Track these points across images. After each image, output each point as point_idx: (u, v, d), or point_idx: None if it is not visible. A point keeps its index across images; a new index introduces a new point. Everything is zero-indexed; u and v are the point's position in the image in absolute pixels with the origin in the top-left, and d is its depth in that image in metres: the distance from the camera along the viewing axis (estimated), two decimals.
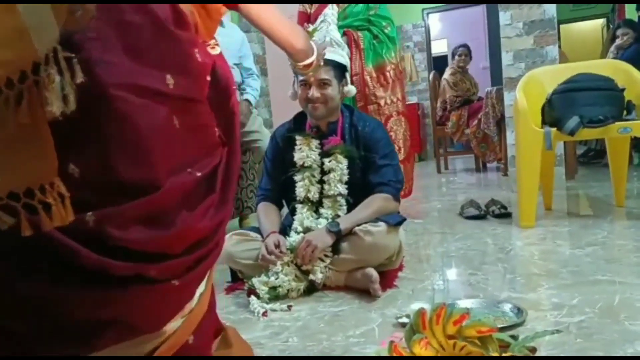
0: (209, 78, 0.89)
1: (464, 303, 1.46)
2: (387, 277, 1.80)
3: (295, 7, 2.96)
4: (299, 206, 1.93)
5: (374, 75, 2.76)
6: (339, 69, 1.96)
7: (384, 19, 2.81)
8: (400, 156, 2.81)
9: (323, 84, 1.90)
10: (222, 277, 2.08)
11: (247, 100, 2.91)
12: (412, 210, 3.16)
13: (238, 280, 1.94)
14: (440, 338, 1.01)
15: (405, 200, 2.89)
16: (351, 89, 2.08)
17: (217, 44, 0.95)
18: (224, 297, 1.86)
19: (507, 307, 1.45)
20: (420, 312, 1.04)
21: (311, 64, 1.52)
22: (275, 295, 1.74)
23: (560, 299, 1.51)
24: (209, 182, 0.88)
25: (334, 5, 2.21)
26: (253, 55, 3.19)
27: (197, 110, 0.86)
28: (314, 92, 1.89)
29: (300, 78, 1.90)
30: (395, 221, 1.82)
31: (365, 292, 1.72)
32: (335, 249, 1.81)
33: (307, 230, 1.86)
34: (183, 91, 0.82)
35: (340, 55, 1.98)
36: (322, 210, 1.90)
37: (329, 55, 1.92)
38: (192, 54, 0.84)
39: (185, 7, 0.86)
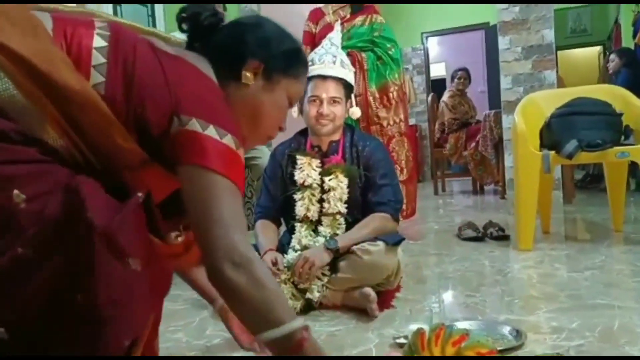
0: None
1: (462, 325, 1.44)
2: (385, 297, 1.79)
3: (303, 20, 2.99)
4: (297, 225, 1.92)
5: (377, 96, 2.78)
6: (348, 89, 1.98)
7: (389, 40, 2.84)
8: (403, 177, 2.81)
9: (334, 101, 1.91)
10: None
11: None
12: (409, 231, 3.14)
13: None
14: None
15: (403, 222, 2.88)
16: (356, 111, 2.09)
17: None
18: None
19: (505, 329, 1.44)
20: (419, 333, 1.03)
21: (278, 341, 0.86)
22: None
23: (559, 323, 1.49)
24: None
25: (338, 27, 2.24)
26: None
27: None
28: (325, 109, 1.89)
29: (310, 94, 1.91)
30: (394, 241, 1.81)
31: (362, 312, 1.70)
32: (333, 267, 1.79)
33: (305, 248, 1.84)
34: None
35: (349, 76, 1.99)
36: (320, 229, 1.89)
37: (341, 74, 1.93)
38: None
39: None
